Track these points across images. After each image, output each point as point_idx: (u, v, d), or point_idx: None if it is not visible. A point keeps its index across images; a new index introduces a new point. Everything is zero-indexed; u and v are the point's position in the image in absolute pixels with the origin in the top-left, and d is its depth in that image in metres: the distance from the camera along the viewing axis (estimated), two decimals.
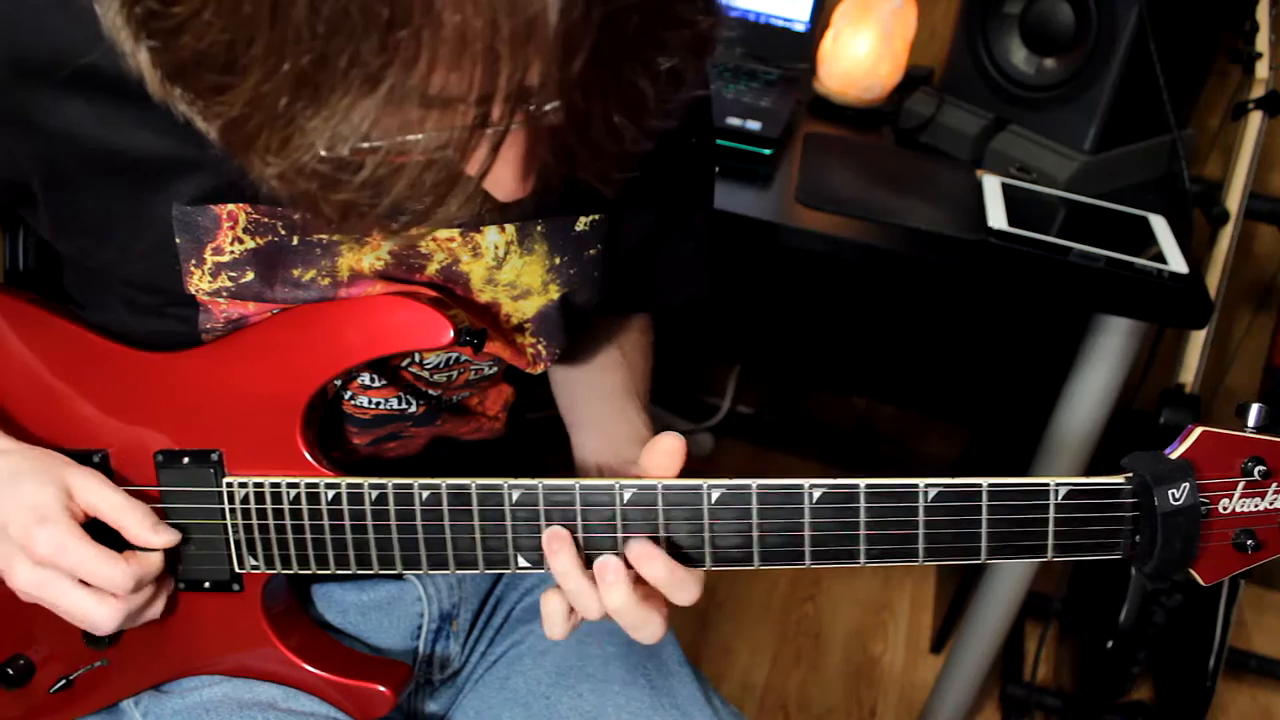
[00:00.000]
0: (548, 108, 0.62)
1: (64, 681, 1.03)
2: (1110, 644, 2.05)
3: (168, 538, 0.95)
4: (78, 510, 0.93)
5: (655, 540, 0.90)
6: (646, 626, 0.92)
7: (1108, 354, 1.72)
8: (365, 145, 0.62)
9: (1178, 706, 2.16)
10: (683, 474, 0.91)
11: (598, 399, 1.15)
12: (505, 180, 0.69)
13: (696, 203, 1.14)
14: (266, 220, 0.89)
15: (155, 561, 0.94)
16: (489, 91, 0.60)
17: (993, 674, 2.17)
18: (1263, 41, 1.87)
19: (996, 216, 1.63)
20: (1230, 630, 2.05)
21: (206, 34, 0.60)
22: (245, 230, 0.89)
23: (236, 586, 0.99)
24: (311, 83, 0.59)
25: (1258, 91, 1.88)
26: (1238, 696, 2.42)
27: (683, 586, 0.90)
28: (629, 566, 0.90)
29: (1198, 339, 1.94)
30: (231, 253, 0.90)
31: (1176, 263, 1.59)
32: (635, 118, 0.67)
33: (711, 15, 0.66)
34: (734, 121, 1.74)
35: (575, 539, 0.91)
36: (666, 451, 0.91)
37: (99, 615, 0.92)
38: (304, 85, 0.60)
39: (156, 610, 0.98)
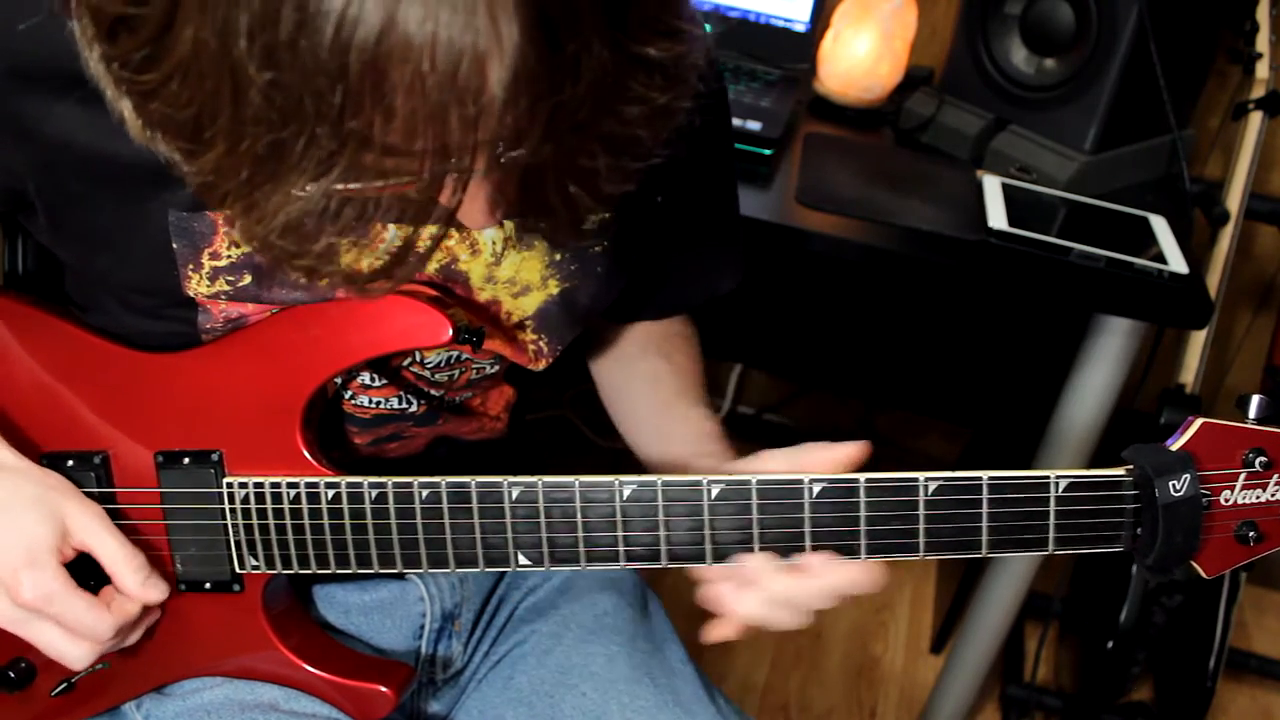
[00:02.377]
0: (497, 175, 0.66)
1: (65, 684, 1.02)
2: (1110, 644, 2.05)
3: (157, 594, 0.95)
4: (69, 551, 0.93)
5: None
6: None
7: (1108, 354, 1.72)
8: (322, 219, 0.65)
9: (1178, 706, 2.16)
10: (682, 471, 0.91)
11: (654, 413, 1.15)
12: (473, 215, 0.71)
13: (712, 194, 1.14)
14: None
15: (135, 610, 0.94)
16: (439, 172, 0.63)
17: (993, 674, 2.17)
18: (1263, 41, 1.87)
19: (997, 216, 1.63)
20: (1230, 630, 2.05)
21: (175, 103, 0.63)
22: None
23: (237, 587, 0.99)
24: (270, 161, 0.62)
25: (1258, 91, 1.88)
26: (1238, 696, 2.42)
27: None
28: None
29: (1198, 339, 1.94)
30: (228, 257, 0.90)
31: (1176, 263, 1.59)
32: (588, 187, 0.70)
33: (671, 90, 0.68)
34: (734, 121, 1.74)
35: (576, 536, 0.91)
36: (839, 461, 0.91)
37: (74, 655, 0.92)
38: (262, 163, 0.62)
39: (136, 637, 0.98)
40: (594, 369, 1.24)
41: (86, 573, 0.93)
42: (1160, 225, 1.70)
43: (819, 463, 0.91)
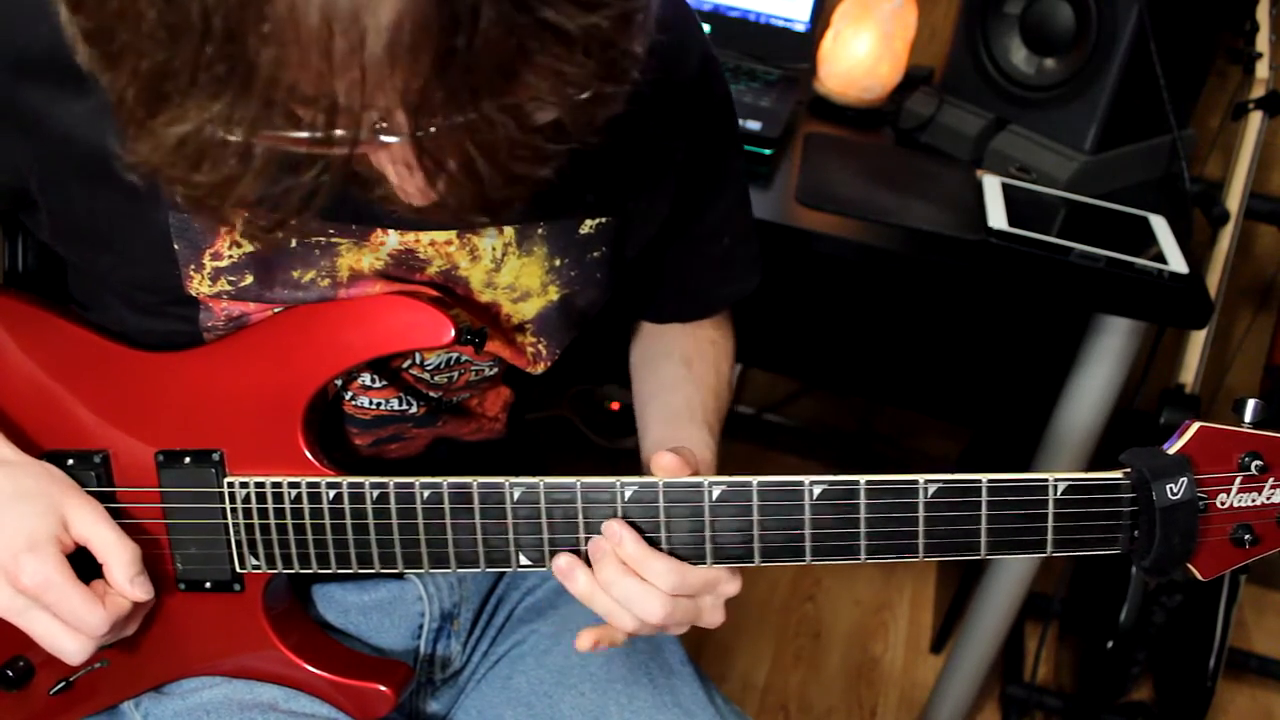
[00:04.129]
0: (390, 126, 0.63)
1: (64, 683, 1.02)
2: (1110, 644, 2.05)
3: (144, 593, 0.94)
4: (69, 542, 0.93)
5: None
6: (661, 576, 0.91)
7: (1108, 354, 1.72)
8: (217, 141, 0.63)
9: (1178, 706, 2.16)
10: None
11: (660, 423, 1.14)
12: (405, 187, 0.70)
13: (725, 196, 1.14)
14: (263, 223, 0.89)
15: (127, 606, 0.94)
16: (331, 103, 0.61)
17: (993, 674, 2.17)
18: (1263, 41, 1.87)
19: (996, 216, 1.63)
20: (1230, 630, 2.05)
21: (89, 19, 0.62)
22: (243, 235, 0.89)
23: (237, 586, 0.99)
24: (163, 80, 0.61)
25: (1258, 91, 1.88)
26: (1238, 696, 2.42)
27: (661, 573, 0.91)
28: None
29: (1198, 339, 1.94)
30: (230, 257, 0.90)
31: (1176, 263, 1.59)
32: (493, 160, 0.66)
33: (592, 71, 0.64)
34: None
35: (577, 537, 0.91)
36: (663, 469, 0.92)
37: (69, 648, 0.92)
38: (155, 83, 0.62)
39: (130, 631, 0.98)
40: (633, 379, 1.24)
41: (84, 572, 0.92)
42: (1160, 225, 1.70)
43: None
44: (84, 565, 0.93)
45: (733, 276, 1.19)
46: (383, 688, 1.02)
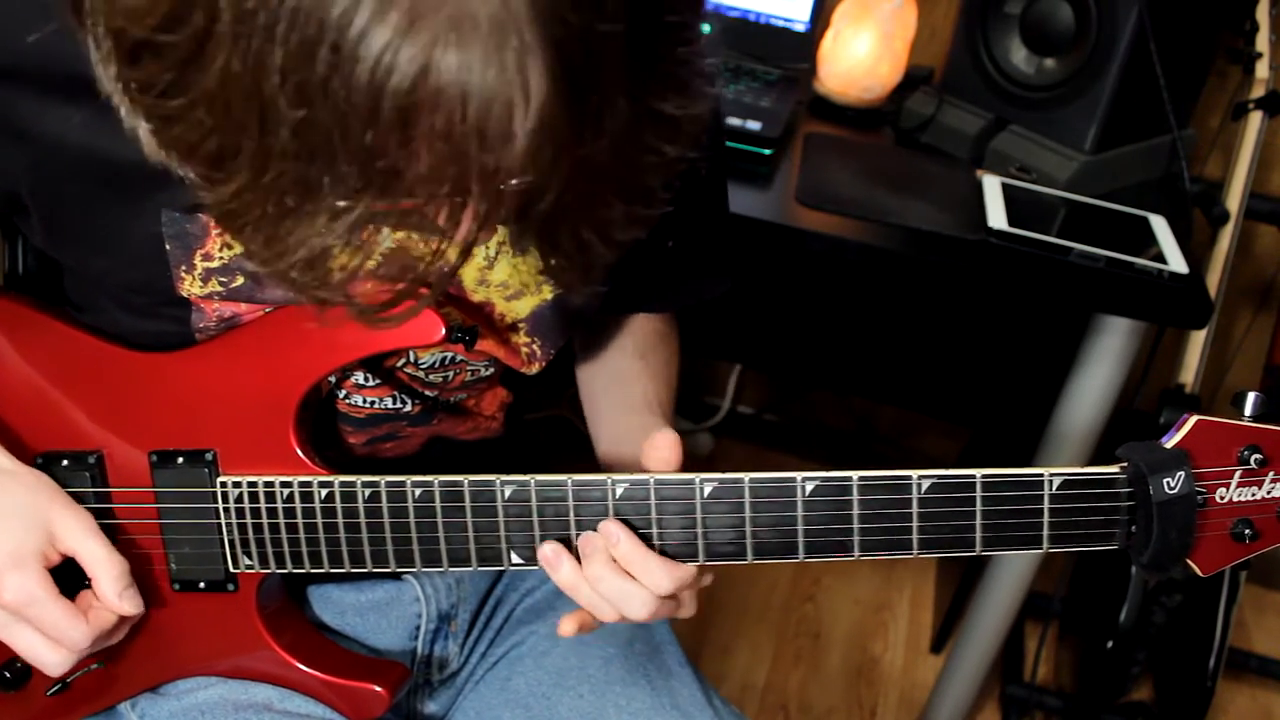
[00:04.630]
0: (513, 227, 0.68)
1: (60, 685, 1.02)
2: (1110, 644, 2.05)
3: (133, 607, 0.94)
4: (55, 556, 0.93)
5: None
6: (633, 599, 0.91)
7: (1108, 354, 1.72)
8: (340, 255, 0.65)
9: (1178, 706, 2.16)
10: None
11: (619, 411, 1.14)
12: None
13: (705, 196, 1.14)
14: None
15: (112, 620, 0.94)
16: (458, 220, 0.64)
17: (993, 674, 2.17)
18: (1263, 41, 1.86)
19: (996, 216, 1.63)
20: (1230, 630, 2.05)
21: (198, 131, 0.62)
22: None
23: (231, 586, 0.99)
24: (293, 196, 0.62)
25: (1258, 91, 1.88)
26: (1238, 696, 2.42)
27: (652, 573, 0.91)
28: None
29: (1198, 339, 1.94)
30: (220, 258, 0.90)
31: (1176, 263, 1.58)
32: (602, 234, 0.72)
33: (683, 143, 0.69)
34: (734, 121, 1.74)
35: (568, 535, 0.91)
36: (659, 448, 0.92)
37: (51, 661, 0.92)
38: (286, 197, 0.62)
39: (116, 639, 0.98)
40: (578, 367, 1.23)
41: (70, 581, 0.93)
42: (1160, 225, 1.70)
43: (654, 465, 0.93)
44: (72, 575, 0.93)
45: (708, 279, 1.19)
46: (377, 688, 1.02)
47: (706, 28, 0.68)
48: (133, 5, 0.60)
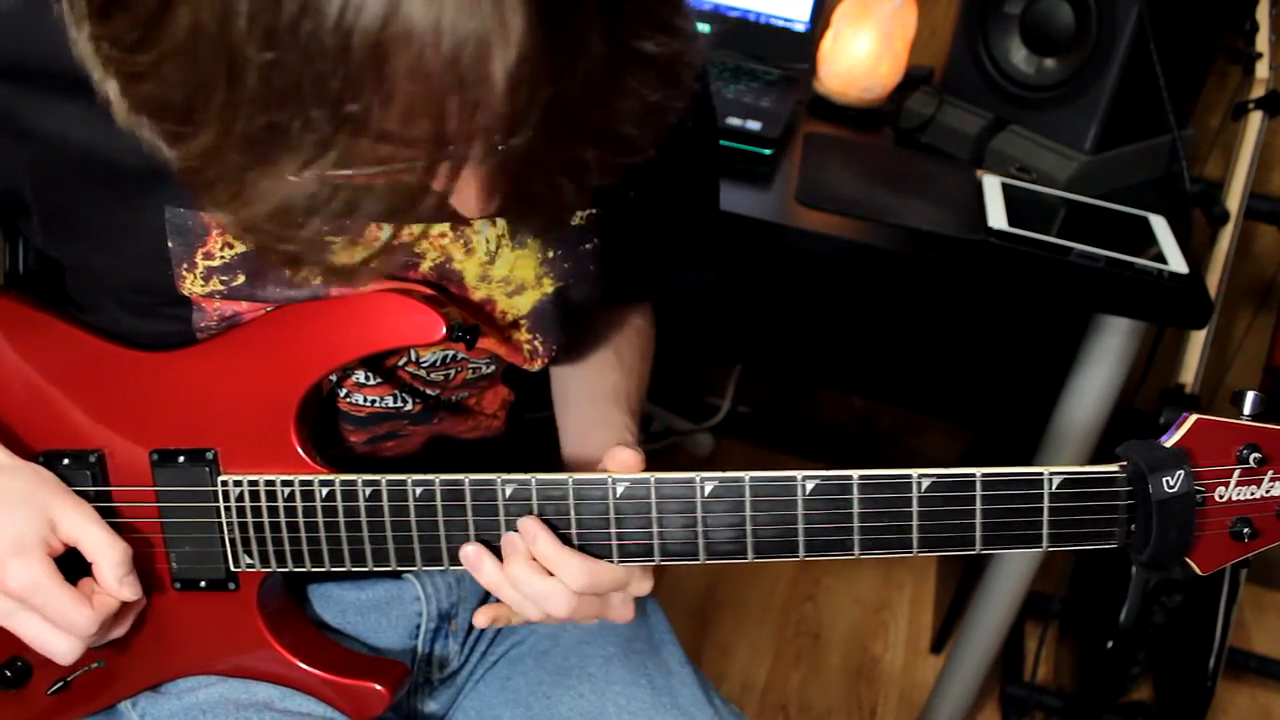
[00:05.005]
0: (491, 163, 0.66)
1: (61, 683, 1.02)
2: (1110, 644, 2.05)
3: (132, 593, 0.94)
4: (57, 544, 0.93)
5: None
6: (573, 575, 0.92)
7: (1108, 354, 1.72)
8: (312, 206, 0.65)
9: (1178, 706, 2.16)
10: (676, 468, 0.91)
11: (585, 402, 1.14)
12: (468, 204, 0.71)
13: (694, 187, 1.14)
14: None
15: (115, 605, 0.94)
16: (435, 160, 0.63)
17: (993, 674, 2.17)
18: (1263, 41, 1.87)
19: (996, 216, 1.63)
20: (1230, 630, 2.05)
21: (167, 84, 0.62)
22: (235, 235, 0.89)
23: (232, 585, 0.99)
24: (263, 144, 0.62)
25: (1258, 91, 1.88)
26: (1238, 696, 2.42)
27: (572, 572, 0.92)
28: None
29: (1198, 339, 1.94)
30: (222, 257, 0.90)
31: (1176, 263, 1.58)
32: (575, 178, 0.71)
33: (665, 88, 0.69)
34: (734, 121, 1.74)
35: (569, 534, 0.91)
36: (622, 466, 0.93)
37: (59, 648, 0.92)
38: (256, 146, 0.62)
39: (122, 631, 0.98)
40: None
41: (73, 571, 0.93)
42: (1160, 225, 1.70)
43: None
44: (75, 565, 0.93)
45: (691, 264, 1.19)
46: (378, 686, 1.02)
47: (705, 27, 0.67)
48: None
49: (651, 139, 0.72)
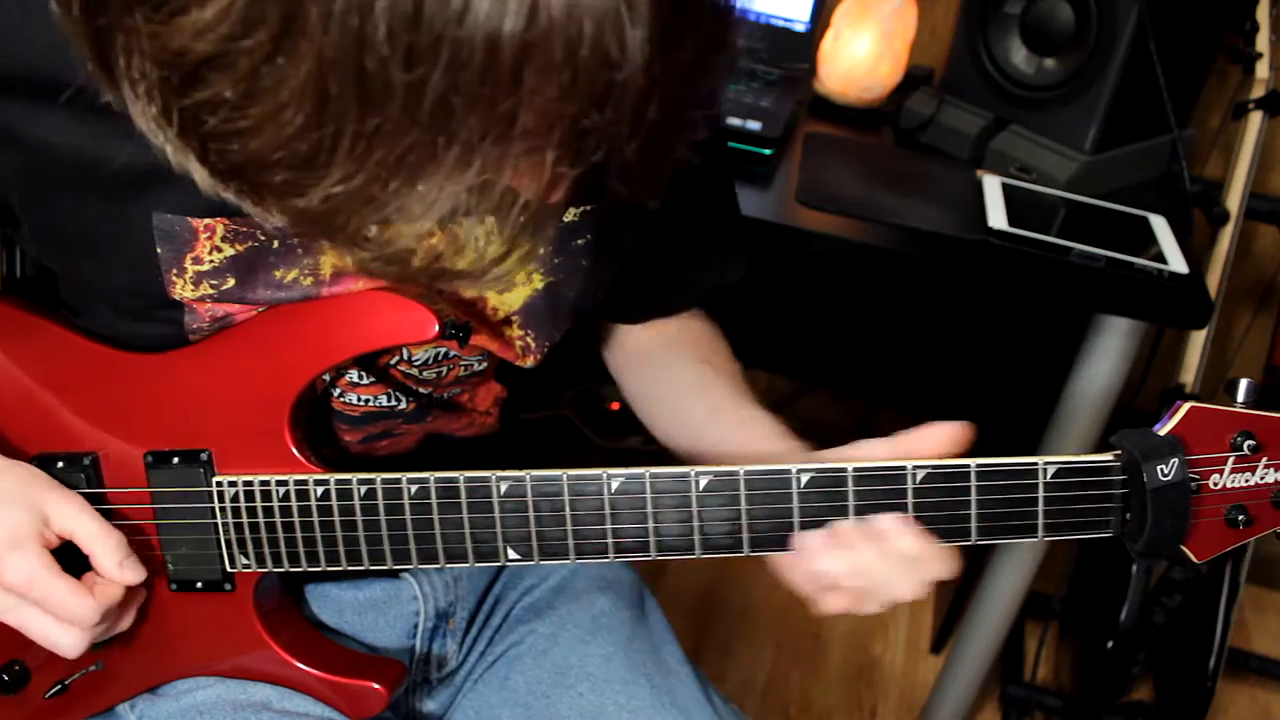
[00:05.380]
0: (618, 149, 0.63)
1: (59, 686, 1.02)
2: (1110, 644, 2.05)
3: (134, 575, 0.94)
4: (52, 537, 0.93)
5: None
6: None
7: (1108, 354, 1.72)
8: (450, 218, 0.63)
9: (1178, 706, 2.16)
10: (670, 463, 0.91)
11: (709, 416, 1.12)
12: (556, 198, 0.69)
13: (710, 188, 1.14)
14: (244, 229, 0.89)
15: (118, 593, 0.94)
16: (568, 151, 0.61)
17: (993, 674, 2.17)
18: (1263, 41, 1.86)
19: (996, 216, 1.63)
20: (1230, 630, 2.05)
21: (283, 134, 0.59)
22: (224, 239, 0.89)
23: (228, 586, 0.99)
24: (405, 169, 0.59)
25: (1258, 91, 1.88)
26: (1238, 696, 2.42)
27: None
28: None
29: (1198, 339, 1.93)
30: (211, 261, 0.90)
31: (1176, 263, 1.58)
32: (688, 139, 0.69)
33: (717, 46, 0.67)
34: (734, 121, 1.74)
35: (565, 530, 0.91)
36: (939, 440, 0.91)
37: (64, 641, 0.92)
38: (397, 173, 0.60)
39: (126, 624, 0.98)
40: (627, 382, 1.22)
41: (71, 566, 0.92)
42: (1160, 225, 1.70)
43: (923, 446, 0.91)
44: (73, 562, 0.93)
45: (715, 267, 1.19)
46: (376, 686, 1.02)
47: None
48: (199, 22, 0.57)
49: (703, 126, 0.70)
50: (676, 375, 1.17)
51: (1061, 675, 2.37)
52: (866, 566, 0.90)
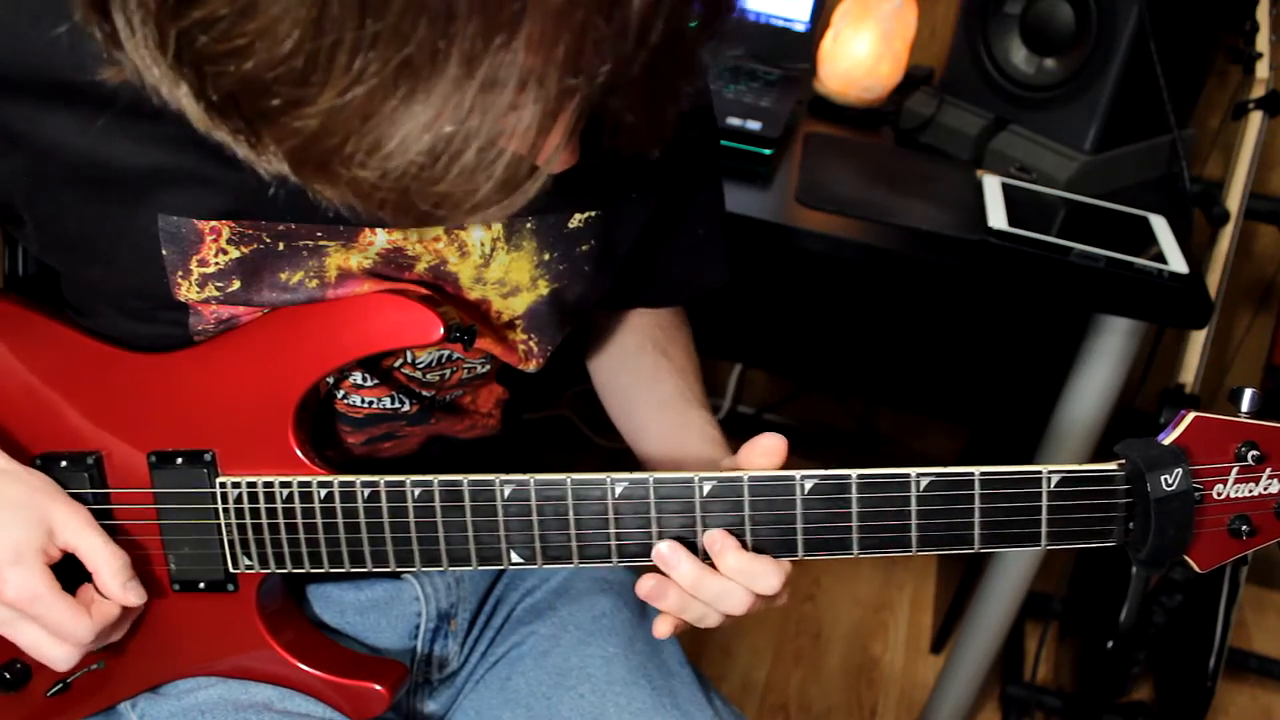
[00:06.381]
0: (618, 81, 0.62)
1: (61, 685, 1.02)
2: (1110, 644, 2.05)
3: (136, 598, 0.95)
4: (55, 552, 0.93)
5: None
6: (764, 577, 0.91)
7: (1108, 354, 1.72)
8: (455, 135, 0.60)
9: (1178, 706, 2.16)
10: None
11: (655, 410, 1.14)
12: (559, 156, 0.67)
13: (702, 189, 1.14)
14: (250, 231, 0.89)
15: (115, 612, 0.94)
16: (575, 71, 0.59)
17: (993, 674, 2.17)
18: (1263, 41, 1.86)
19: (996, 216, 1.63)
20: (1230, 630, 2.05)
21: (273, 52, 0.57)
22: (229, 241, 0.89)
23: (231, 587, 0.99)
24: (407, 78, 0.57)
25: (1258, 91, 1.88)
26: (1238, 696, 2.42)
27: (762, 574, 0.90)
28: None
29: (1198, 339, 1.93)
30: (216, 264, 0.90)
31: (1176, 263, 1.58)
32: (690, 80, 0.67)
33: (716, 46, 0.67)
34: (734, 121, 1.74)
35: (568, 534, 0.91)
36: (766, 451, 0.92)
37: (57, 656, 0.92)
38: (400, 81, 0.58)
39: (119, 635, 0.98)
40: (590, 363, 1.24)
41: (71, 576, 0.93)
42: (1160, 225, 1.70)
43: (750, 464, 0.92)
44: (73, 574, 0.93)
45: (704, 267, 1.19)
46: (378, 687, 1.02)
47: None
48: None
49: (691, 101, 0.70)
50: (633, 363, 1.18)
51: (1061, 675, 2.38)
52: (694, 587, 0.91)
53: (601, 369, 1.22)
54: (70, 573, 0.93)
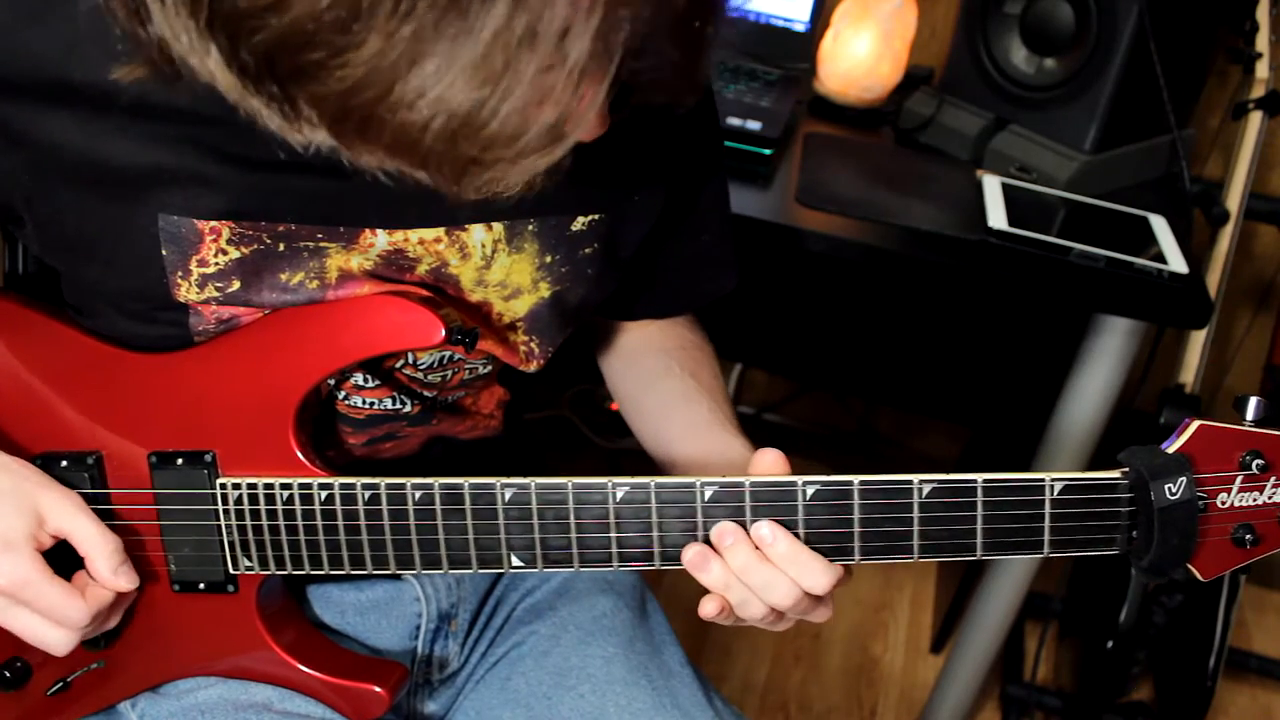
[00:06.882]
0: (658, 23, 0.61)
1: (61, 684, 1.02)
2: (1110, 644, 2.05)
3: (129, 582, 0.94)
4: (45, 538, 0.92)
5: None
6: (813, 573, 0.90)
7: (1108, 354, 1.72)
8: (506, 70, 0.59)
9: (1178, 706, 2.16)
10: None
11: (690, 435, 1.12)
12: (590, 118, 0.66)
13: (708, 194, 1.14)
14: (250, 232, 0.89)
15: (110, 597, 0.94)
16: (610, 27, 0.59)
17: (993, 674, 2.17)
18: (1263, 41, 1.86)
19: (996, 216, 1.63)
20: (1230, 630, 2.05)
21: (312, 6, 0.56)
22: (229, 242, 0.89)
23: (231, 588, 0.99)
24: (455, 15, 0.56)
25: (1258, 91, 1.88)
26: (1238, 696, 2.42)
27: (810, 569, 0.89)
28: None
29: (1198, 339, 1.93)
30: (216, 264, 0.90)
31: (1176, 263, 1.58)
32: (720, 24, 0.66)
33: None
34: (734, 121, 1.74)
35: (569, 539, 0.91)
36: (769, 467, 0.92)
37: (54, 641, 0.92)
38: (438, 33, 0.57)
39: (115, 622, 0.98)
40: (616, 383, 1.23)
41: (65, 563, 0.93)
42: (1160, 225, 1.70)
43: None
44: (66, 562, 0.93)
45: (712, 273, 1.19)
46: (377, 688, 1.02)
47: None
48: None
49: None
50: (661, 385, 1.17)
51: (1061, 675, 2.37)
52: (743, 567, 0.90)
53: (629, 388, 1.21)
54: (65, 561, 0.93)
